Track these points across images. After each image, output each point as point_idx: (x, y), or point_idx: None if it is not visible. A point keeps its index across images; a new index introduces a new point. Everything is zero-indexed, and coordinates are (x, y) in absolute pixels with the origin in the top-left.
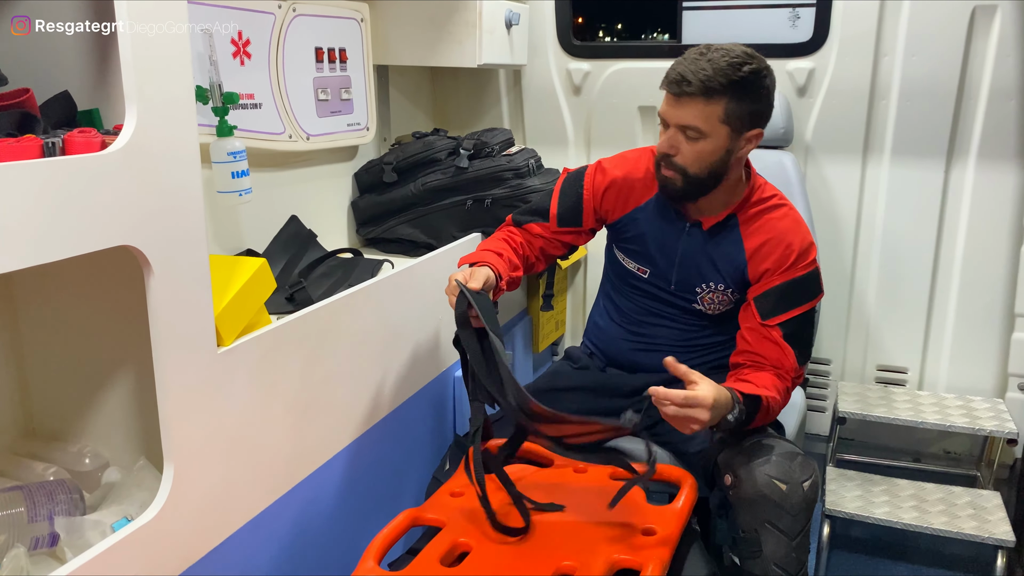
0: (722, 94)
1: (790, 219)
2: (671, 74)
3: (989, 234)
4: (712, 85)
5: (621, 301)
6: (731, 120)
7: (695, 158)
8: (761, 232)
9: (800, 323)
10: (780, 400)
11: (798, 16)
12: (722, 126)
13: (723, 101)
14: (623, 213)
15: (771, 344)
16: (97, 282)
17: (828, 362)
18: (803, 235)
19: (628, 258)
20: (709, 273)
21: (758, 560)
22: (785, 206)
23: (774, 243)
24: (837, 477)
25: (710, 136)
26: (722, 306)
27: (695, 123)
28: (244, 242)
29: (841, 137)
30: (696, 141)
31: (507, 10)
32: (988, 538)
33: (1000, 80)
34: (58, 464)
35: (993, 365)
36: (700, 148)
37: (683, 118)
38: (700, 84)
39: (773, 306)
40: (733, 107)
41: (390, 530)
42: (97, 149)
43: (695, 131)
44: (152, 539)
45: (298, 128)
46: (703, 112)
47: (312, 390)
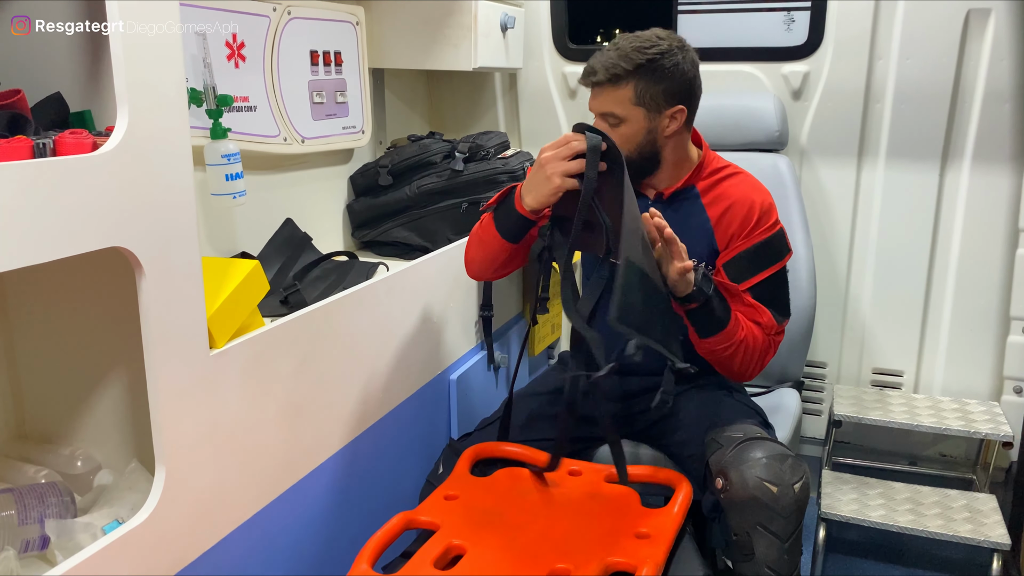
0: (628, 78)
1: (747, 183)
2: (589, 67)
3: (984, 237)
4: (617, 71)
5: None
6: (644, 101)
7: (621, 142)
8: (722, 199)
9: (771, 285)
10: (758, 336)
11: (793, 19)
12: (636, 108)
13: (631, 84)
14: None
15: (744, 306)
16: (89, 284)
17: (824, 365)
18: (763, 195)
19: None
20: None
21: (751, 563)
22: (740, 173)
23: (737, 206)
24: (833, 480)
25: (628, 119)
26: None
27: (610, 109)
28: (239, 245)
29: (836, 140)
30: (617, 126)
31: (502, 13)
32: (984, 541)
33: (994, 83)
34: (49, 467)
35: (988, 368)
36: (622, 132)
37: (600, 106)
38: (606, 72)
39: (742, 271)
40: (643, 88)
41: (384, 533)
42: (88, 150)
43: (613, 117)
44: (143, 542)
45: (293, 131)
46: (614, 97)
47: (306, 393)
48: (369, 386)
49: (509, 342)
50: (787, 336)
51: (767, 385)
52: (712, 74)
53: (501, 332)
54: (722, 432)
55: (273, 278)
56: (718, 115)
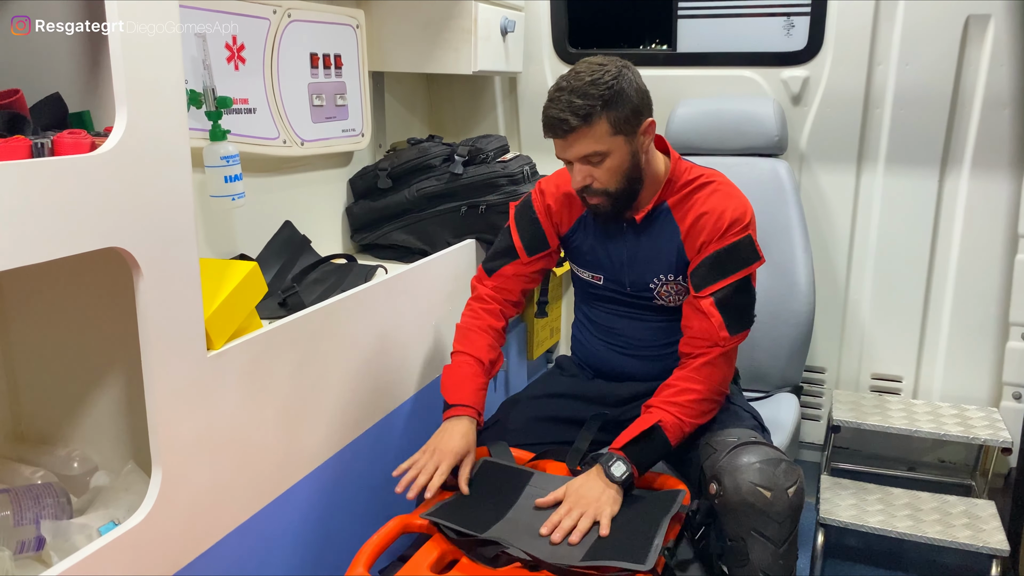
0: (600, 113)
1: (720, 193)
2: (547, 123)
3: (983, 243)
4: (587, 111)
5: (591, 312)
6: (620, 128)
7: (610, 176)
8: (692, 211)
9: (732, 291)
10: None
11: (793, 24)
12: (615, 138)
13: (603, 117)
14: (569, 225)
15: (699, 315)
16: (86, 284)
17: (823, 370)
18: (735, 204)
19: (582, 268)
20: (657, 266)
21: (746, 568)
22: (713, 182)
23: (706, 218)
24: (832, 486)
25: (612, 152)
26: (680, 296)
27: (592, 149)
28: (237, 247)
29: (835, 145)
30: (602, 163)
31: (502, 17)
32: (982, 547)
33: (994, 89)
34: (46, 468)
35: (988, 374)
36: (609, 166)
37: (580, 151)
38: (576, 116)
39: (704, 277)
40: (614, 117)
41: (380, 537)
42: (87, 150)
43: (596, 155)
44: (139, 543)
45: (292, 133)
46: (592, 137)
47: (303, 395)
48: (367, 389)
49: (508, 345)
50: (786, 341)
51: (766, 390)
52: (712, 79)
53: None
54: (716, 436)
55: (272, 280)
56: (718, 120)
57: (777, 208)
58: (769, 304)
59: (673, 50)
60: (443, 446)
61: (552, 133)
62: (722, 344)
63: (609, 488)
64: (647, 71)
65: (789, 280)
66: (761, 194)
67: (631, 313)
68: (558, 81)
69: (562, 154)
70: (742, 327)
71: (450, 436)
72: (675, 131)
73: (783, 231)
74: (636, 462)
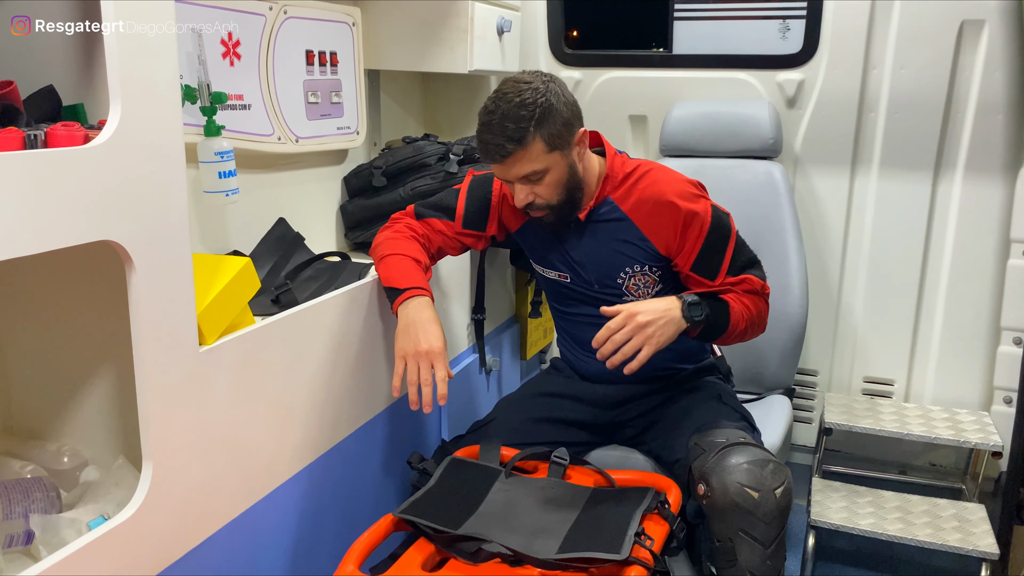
0: (533, 133)
1: (659, 181)
2: (483, 148)
3: (976, 247)
4: (519, 134)
5: (567, 325)
6: (554, 144)
7: (551, 191)
8: (640, 205)
9: (737, 255)
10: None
11: (788, 27)
12: (552, 154)
13: (537, 136)
14: (523, 221)
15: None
16: (78, 277)
17: (815, 373)
18: (677, 188)
19: (547, 268)
20: (620, 259)
21: (734, 569)
22: (651, 170)
23: (659, 211)
24: (823, 488)
25: (551, 168)
26: (649, 288)
27: (530, 168)
28: (231, 243)
29: (830, 149)
30: (542, 179)
31: (499, 17)
32: (972, 550)
33: (987, 93)
34: (36, 462)
35: (979, 378)
36: (549, 182)
37: (518, 171)
38: (510, 140)
39: (711, 268)
40: (547, 134)
41: (371, 534)
42: (80, 143)
43: (535, 174)
44: (129, 538)
45: (287, 130)
46: (528, 157)
47: (295, 391)
48: (360, 386)
49: (501, 345)
50: (779, 343)
51: (758, 392)
52: (707, 81)
53: (493, 335)
54: (705, 437)
55: (265, 277)
56: (712, 122)
57: (771, 211)
58: None
59: (669, 52)
60: (425, 344)
61: (489, 158)
62: (762, 292)
63: (674, 313)
64: (643, 73)
65: (782, 283)
66: (755, 197)
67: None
68: (486, 105)
69: (502, 176)
70: (762, 271)
71: (424, 330)
72: (670, 133)
73: (777, 234)
74: (708, 316)
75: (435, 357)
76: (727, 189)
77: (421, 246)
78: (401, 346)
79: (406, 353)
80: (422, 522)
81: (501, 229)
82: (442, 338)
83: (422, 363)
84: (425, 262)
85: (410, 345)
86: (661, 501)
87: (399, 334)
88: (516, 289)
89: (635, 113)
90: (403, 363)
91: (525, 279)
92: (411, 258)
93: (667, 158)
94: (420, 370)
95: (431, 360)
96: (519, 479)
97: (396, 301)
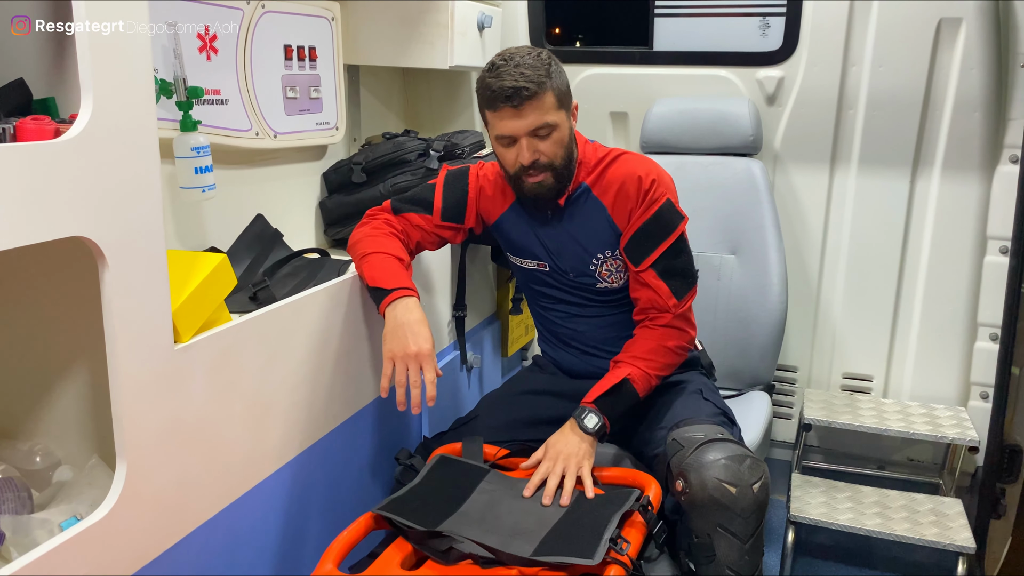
0: (546, 86)
1: (628, 163)
2: (502, 92)
3: (953, 244)
4: (540, 80)
5: (547, 314)
6: (562, 102)
7: (556, 149)
8: (611, 186)
9: (670, 256)
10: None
11: (768, 25)
12: (560, 111)
13: (550, 89)
14: (500, 212)
15: (644, 288)
16: (50, 274)
17: (795, 369)
18: (645, 168)
19: (524, 258)
20: (591, 245)
21: (712, 565)
22: (622, 155)
23: (627, 184)
24: (802, 484)
25: (558, 125)
26: (621, 272)
27: (544, 120)
28: (208, 240)
29: (809, 146)
30: (549, 135)
31: (479, 13)
32: (949, 545)
33: (965, 91)
34: (8, 462)
35: (956, 374)
36: (555, 139)
37: (534, 121)
38: (533, 83)
39: (639, 251)
40: (557, 90)
41: (350, 533)
42: (50, 137)
43: (547, 127)
44: (102, 539)
45: (265, 126)
46: (543, 107)
47: (273, 389)
48: (338, 384)
49: (482, 342)
50: (758, 339)
51: (738, 388)
52: (687, 78)
53: (474, 332)
54: (683, 433)
55: (243, 275)
56: (693, 119)
57: (751, 207)
58: (742, 303)
59: (649, 49)
60: (414, 347)
61: (508, 102)
62: (672, 310)
63: (584, 440)
64: (623, 69)
65: (762, 279)
66: (735, 193)
67: (582, 311)
68: (493, 62)
69: (513, 127)
70: (687, 288)
71: (413, 332)
72: (650, 130)
73: (756, 230)
74: (607, 414)
75: (424, 359)
76: (707, 186)
77: (401, 243)
78: (389, 348)
79: (394, 355)
80: (399, 519)
81: (479, 222)
82: (431, 340)
83: (411, 365)
84: (407, 260)
85: (399, 347)
86: (644, 504)
87: (387, 335)
88: (498, 286)
89: (616, 110)
90: (391, 365)
91: (506, 276)
92: (394, 257)
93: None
94: (409, 372)
95: (420, 362)
96: (504, 479)
97: (383, 302)
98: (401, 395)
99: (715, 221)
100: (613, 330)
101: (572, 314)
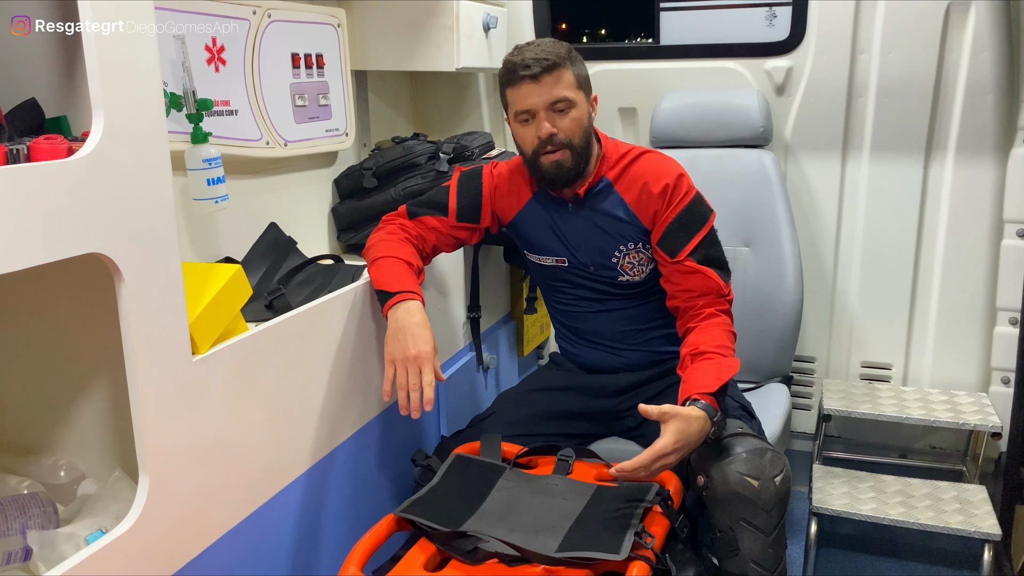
0: (566, 65)
1: (652, 162)
2: (522, 63)
3: (969, 229)
4: (558, 58)
5: (564, 318)
6: (581, 84)
7: (574, 126)
8: (634, 183)
9: (706, 245)
10: (730, 340)
11: (775, 15)
12: (579, 91)
13: (569, 69)
14: (517, 210)
15: (692, 275)
16: (68, 291)
17: (812, 360)
18: (669, 168)
19: (543, 255)
20: (613, 237)
21: (736, 559)
22: (647, 152)
23: (649, 186)
24: (823, 475)
25: (577, 102)
26: (643, 266)
27: (564, 93)
28: (222, 250)
29: (820, 135)
30: (568, 111)
31: (484, 13)
32: (975, 532)
33: (976, 75)
34: (32, 477)
35: (976, 359)
36: (574, 116)
37: (553, 94)
38: (550, 58)
39: (675, 241)
40: (576, 73)
41: (372, 536)
42: (63, 156)
43: (565, 101)
44: (127, 551)
45: (275, 134)
46: (564, 81)
47: (291, 397)
48: (357, 389)
49: (498, 343)
50: (775, 331)
51: (756, 381)
52: (695, 71)
53: (489, 333)
54: None
55: (258, 283)
56: (702, 112)
57: (763, 199)
58: (758, 295)
59: (656, 43)
60: (413, 349)
61: (526, 73)
62: (726, 293)
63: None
64: (631, 64)
65: (777, 271)
66: (747, 185)
67: (602, 307)
68: (515, 47)
69: (531, 101)
70: (727, 277)
71: (413, 334)
72: (660, 124)
73: (770, 222)
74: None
75: (423, 362)
76: (719, 179)
77: (414, 247)
78: (390, 351)
79: (394, 358)
80: (421, 521)
81: (495, 221)
82: (431, 342)
83: (410, 367)
84: (418, 264)
85: (398, 350)
86: (664, 498)
87: (388, 339)
88: (511, 286)
89: (624, 105)
90: (392, 368)
91: (520, 275)
92: (403, 261)
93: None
94: (408, 374)
95: (419, 364)
96: (523, 476)
97: (386, 305)
98: (402, 398)
99: (728, 214)
100: (632, 323)
101: (591, 309)
